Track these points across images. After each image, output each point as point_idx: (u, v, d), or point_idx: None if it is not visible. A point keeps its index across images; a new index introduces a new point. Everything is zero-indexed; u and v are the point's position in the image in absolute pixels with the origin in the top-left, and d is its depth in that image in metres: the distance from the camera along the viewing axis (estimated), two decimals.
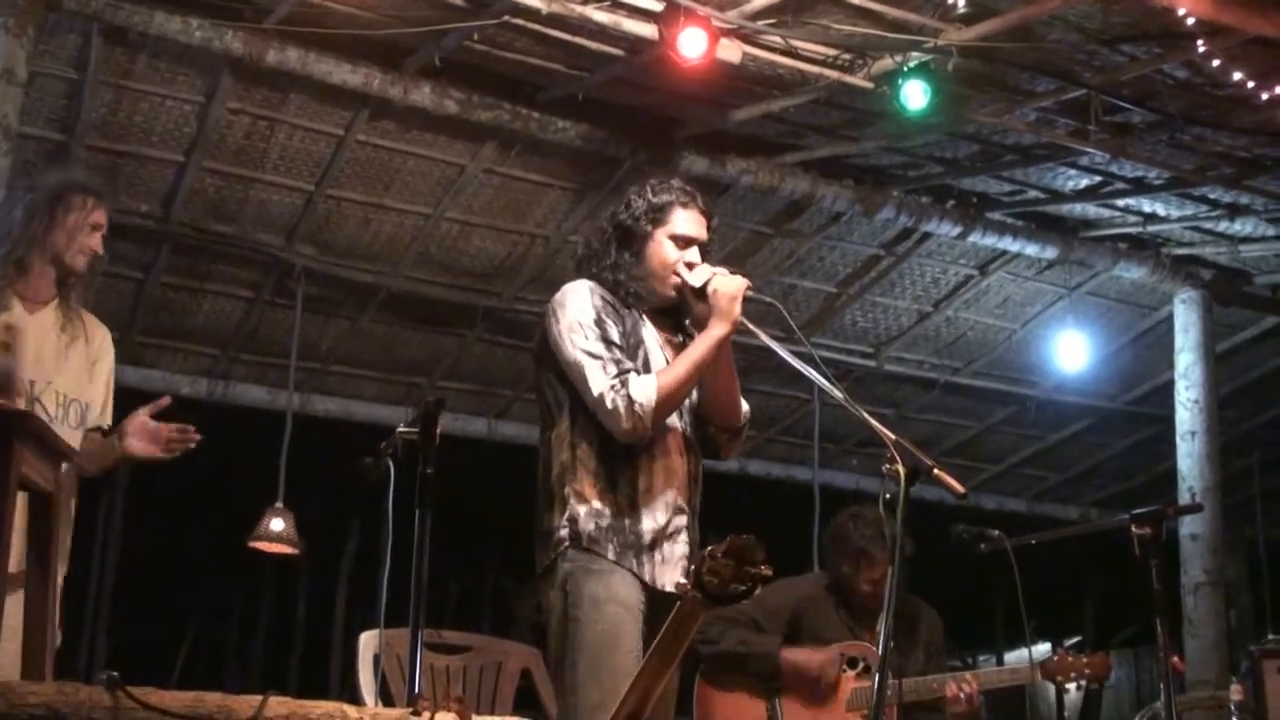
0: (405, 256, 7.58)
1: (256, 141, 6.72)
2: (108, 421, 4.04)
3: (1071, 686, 5.21)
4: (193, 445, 3.95)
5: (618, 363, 3.41)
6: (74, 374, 3.91)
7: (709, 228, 3.65)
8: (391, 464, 3.23)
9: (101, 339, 4.09)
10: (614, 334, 3.46)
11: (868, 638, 5.18)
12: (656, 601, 3.34)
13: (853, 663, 5.16)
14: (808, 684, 5.11)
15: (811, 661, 5.11)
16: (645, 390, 3.36)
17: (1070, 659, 5.10)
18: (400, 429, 3.19)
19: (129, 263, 7.41)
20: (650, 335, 3.56)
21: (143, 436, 3.89)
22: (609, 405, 3.35)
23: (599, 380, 3.38)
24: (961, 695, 5.01)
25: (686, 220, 3.59)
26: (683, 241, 3.57)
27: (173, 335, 8.04)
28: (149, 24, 5.76)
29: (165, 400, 3.96)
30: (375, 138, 6.78)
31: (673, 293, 3.56)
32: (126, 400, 4.07)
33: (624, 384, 3.36)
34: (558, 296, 3.55)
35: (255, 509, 7.56)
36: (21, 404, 3.62)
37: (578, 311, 3.48)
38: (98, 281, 4.08)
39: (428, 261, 7.70)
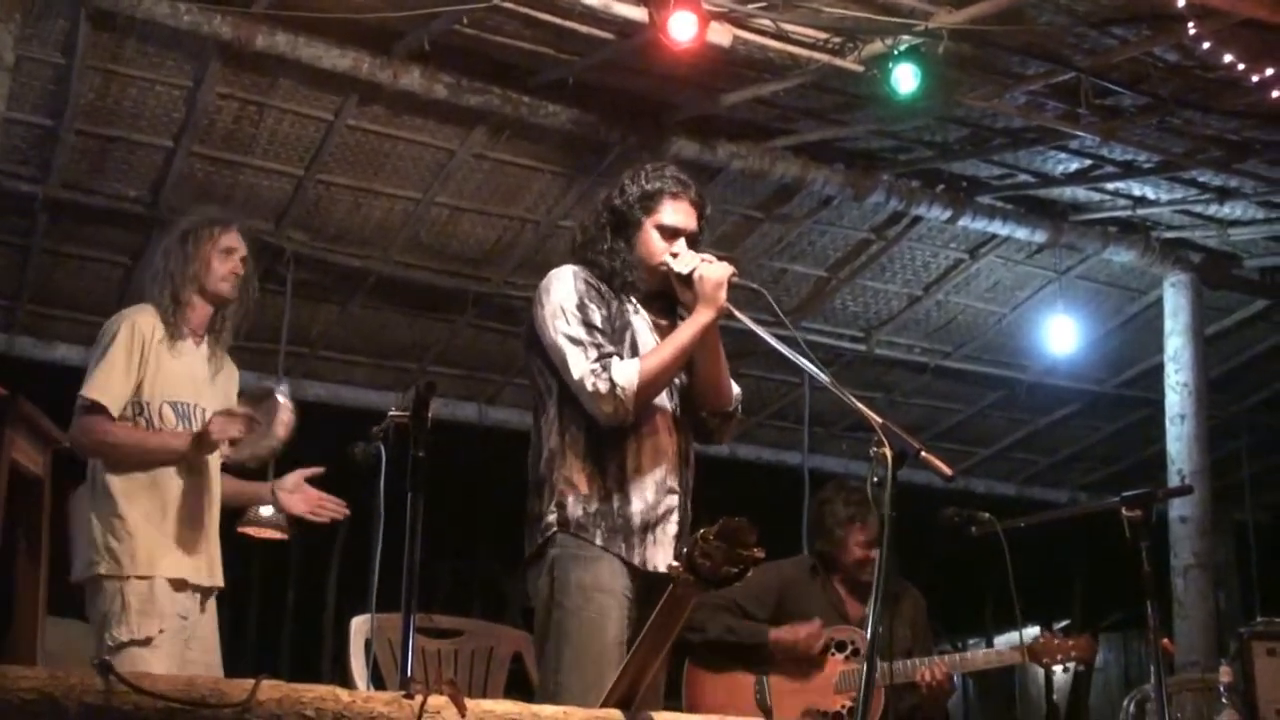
0: (395, 241, 7.57)
1: (245, 126, 6.70)
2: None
3: (1059, 669, 5.25)
4: (340, 518, 4.34)
5: (599, 347, 3.42)
6: (219, 401, 4.19)
7: (701, 217, 3.66)
8: (382, 448, 3.24)
9: (235, 379, 4.40)
10: (597, 318, 3.47)
11: (855, 618, 5.21)
12: (648, 584, 3.35)
13: (840, 646, 5.18)
14: (795, 660, 5.13)
15: (797, 635, 5.13)
16: (627, 374, 3.38)
17: (1056, 641, 5.13)
18: (391, 413, 3.19)
19: (117, 248, 7.40)
20: (641, 320, 3.57)
21: (298, 495, 4.32)
22: (589, 389, 3.37)
23: (580, 364, 3.40)
24: (928, 678, 5.04)
25: (675, 211, 3.60)
26: (669, 233, 3.58)
27: None
28: (137, 8, 5.74)
29: (320, 470, 4.34)
30: (365, 122, 6.77)
31: (659, 279, 3.57)
32: None
33: (605, 368, 3.38)
34: (543, 282, 3.57)
35: None
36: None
37: (561, 296, 3.49)
38: (251, 310, 4.38)
39: (418, 246, 7.69)
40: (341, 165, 7.03)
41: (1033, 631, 5.33)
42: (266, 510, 7.41)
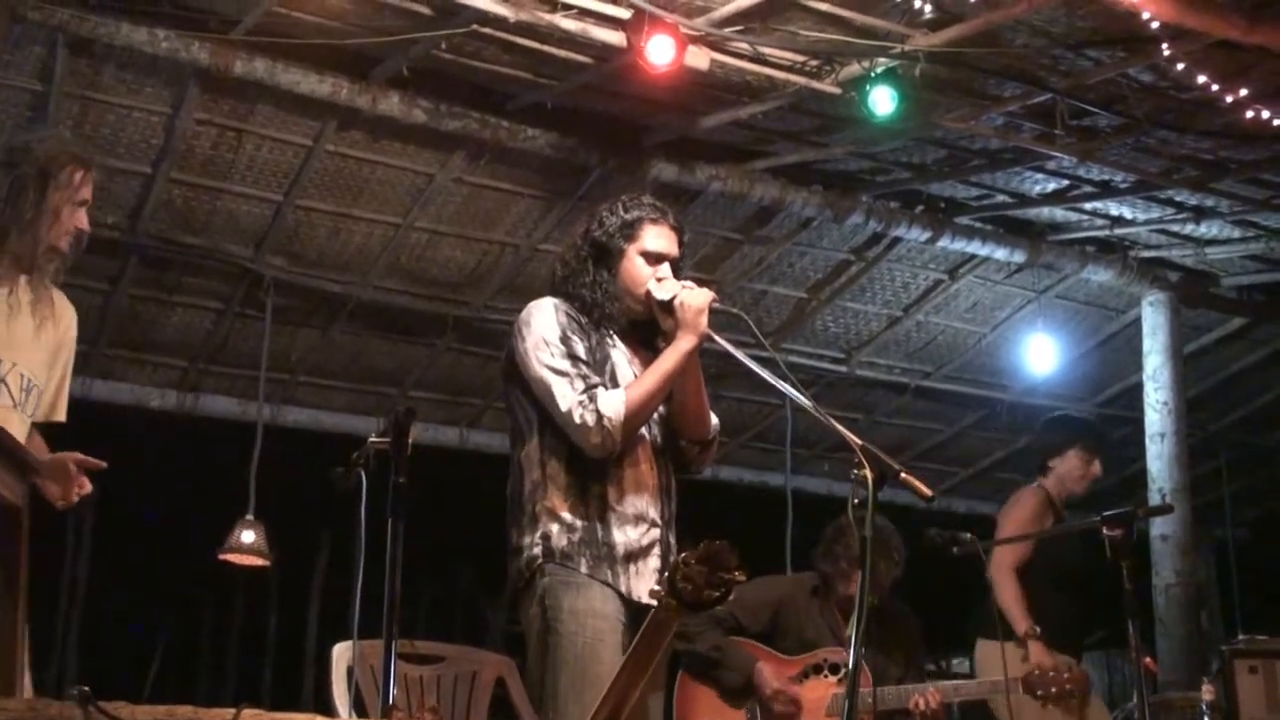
0: (375, 266, 7.56)
1: (224, 152, 6.69)
2: (61, 415, 3.82)
3: None
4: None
5: (584, 378, 3.43)
6: (41, 357, 3.73)
7: (681, 242, 3.68)
8: (363, 474, 3.23)
9: (68, 324, 3.87)
10: (580, 349, 3.48)
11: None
12: (636, 613, 3.34)
13: (835, 668, 5.18)
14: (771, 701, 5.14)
15: (774, 689, 5.12)
16: (613, 404, 3.38)
17: (1051, 673, 5.15)
18: (372, 439, 3.18)
19: (96, 275, 7.36)
20: (620, 353, 3.57)
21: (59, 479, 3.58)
22: (577, 421, 3.37)
23: (566, 396, 3.40)
24: (923, 706, 5.05)
25: (657, 236, 3.62)
26: (653, 258, 3.60)
27: (141, 348, 7.99)
28: (115, 35, 5.73)
29: (103, 464, 3.62)
30: (344, 147, 6.76)
31: (643, 307, 3.58)
32: (97, 414, 4.05)
33: (592, 399, 3.38)
34: (523, 314, 3.58)
35: (226, 521, 7.51)
36: None
37: (543, 328, 3.49)
38: (78, 255, 3.86)
39: (397, 271, 7.68)
40: (320, 190, 7.03)
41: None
42: (248, 537, 7.41)
